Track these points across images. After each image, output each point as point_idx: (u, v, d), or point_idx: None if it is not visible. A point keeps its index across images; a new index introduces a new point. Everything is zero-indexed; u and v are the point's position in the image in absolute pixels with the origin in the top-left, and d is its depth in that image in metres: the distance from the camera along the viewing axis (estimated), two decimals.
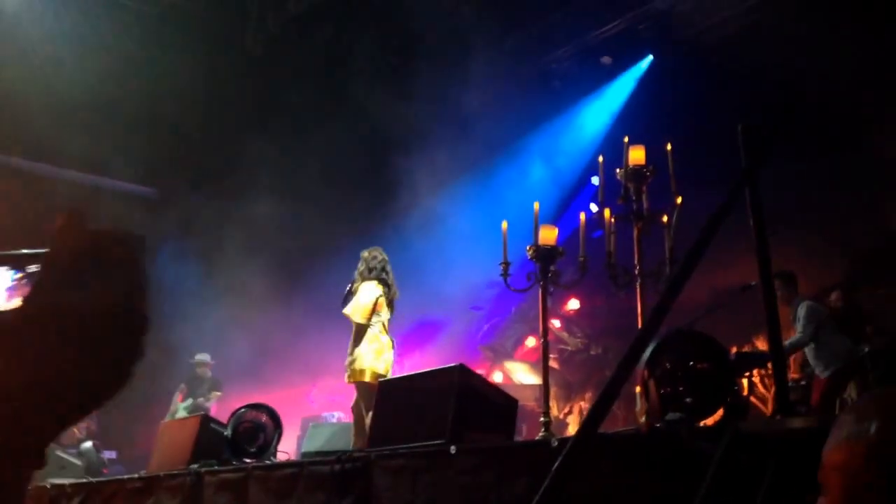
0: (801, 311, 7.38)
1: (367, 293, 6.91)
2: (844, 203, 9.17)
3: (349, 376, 6.87)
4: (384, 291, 6.93)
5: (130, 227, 0.71)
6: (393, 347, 6.95)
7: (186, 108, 10.83)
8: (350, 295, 6.99)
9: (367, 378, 6.72)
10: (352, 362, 6.83)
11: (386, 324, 6.96)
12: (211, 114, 11.29)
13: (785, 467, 2.68)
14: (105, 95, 10.26)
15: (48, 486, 6.35)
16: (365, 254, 7.07)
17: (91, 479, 6.49)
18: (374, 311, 6.85)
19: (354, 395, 6.87)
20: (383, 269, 7.03)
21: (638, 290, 4.24)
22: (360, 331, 6.84)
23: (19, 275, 0.73)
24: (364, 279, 6.97)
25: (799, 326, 7.35)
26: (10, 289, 0.73)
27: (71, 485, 6.21)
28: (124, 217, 11.34)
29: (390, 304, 7.02)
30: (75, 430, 10.30)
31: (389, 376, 6.73)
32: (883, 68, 8.66)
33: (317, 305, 9.11)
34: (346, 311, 6.94)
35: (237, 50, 11.37)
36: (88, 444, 8.54)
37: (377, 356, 6.83)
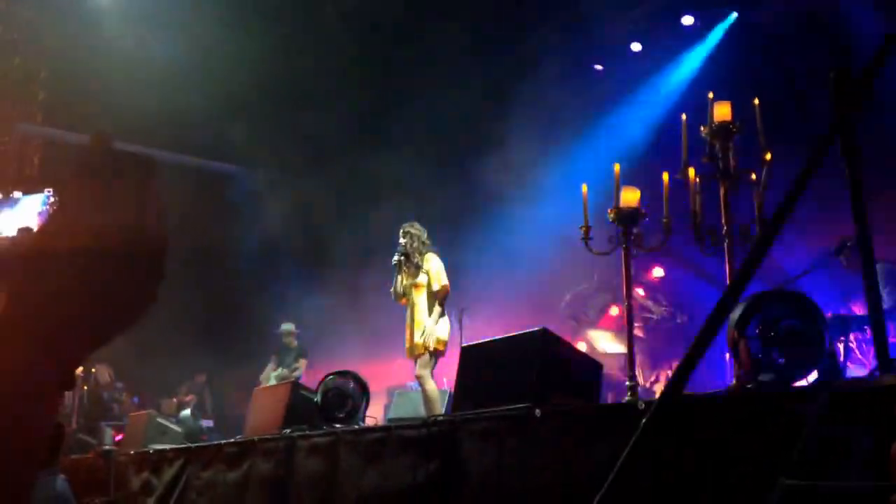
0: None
1: (437, 261, 7.04)
2: None
3: (420, 347, 6.88)
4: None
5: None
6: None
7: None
8: (413, 268, 7.06)
9: (438, 346, 6.85)
10: (428, 333, 6.86)
11: None
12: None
13: (883, 427, 2.58)
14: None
15: (150, 451, 6.67)
16: (411, 229, 7.17)
17: (191, 445, 6.78)
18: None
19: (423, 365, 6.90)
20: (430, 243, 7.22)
21: (726, 252, 4.12)
22: (437, 299, 6.93)
23: (50, 200, 0.76)
24: (426, 250, 7.09)
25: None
26: (41, 213, 0.76)
27: (172, 449, 6.52)
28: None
29: None
30: (175, 399, 10.79)
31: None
32: None
33: None
34: (421, 279, 6.99)
35: None
36: (187, 412, 8.91)
37: (446, 326, 7.01)
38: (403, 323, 7.22)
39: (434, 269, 7.01)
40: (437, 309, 6.93)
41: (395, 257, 7.12)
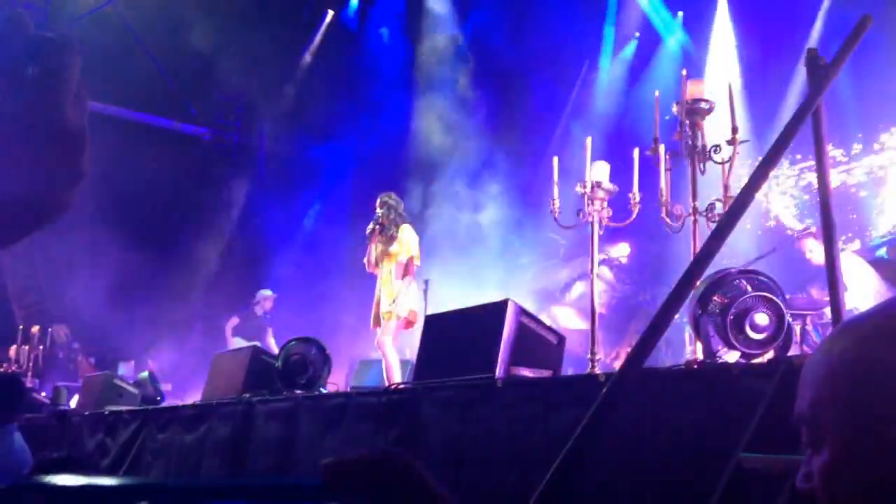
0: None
1: (411, 233, 7.12)
2: None
3: (388, 314, 6.92)
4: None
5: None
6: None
7: None
8: (387, 238, 7.07)
9: (409, 317, 6.92)
10: (398, 300, 6.89)
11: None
12: None
13: None
14: None
15: (106, 413, 6.59)
16: (389, 200, 7.21)
17: (147, 407, 6.71)
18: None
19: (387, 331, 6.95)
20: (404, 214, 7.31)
21: (693, 230, 4.15)
22: (406, 270, 6.97)
23: None
24: (402, 221, 7.11)
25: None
26: None
27: (128, 411, 6.44)
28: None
29: None
30: (132, 361, 10.67)
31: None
32: None
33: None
34: (394, 249, 7.00)
35: None
36: (145, 374, 8.81)
37: (416, 296, 7.17)
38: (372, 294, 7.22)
39: (406, 240, 7.05)
40: (407, 279, 6.96)
41: (370, 226, 7.13)
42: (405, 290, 6.93)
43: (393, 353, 6.85)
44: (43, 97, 0.62)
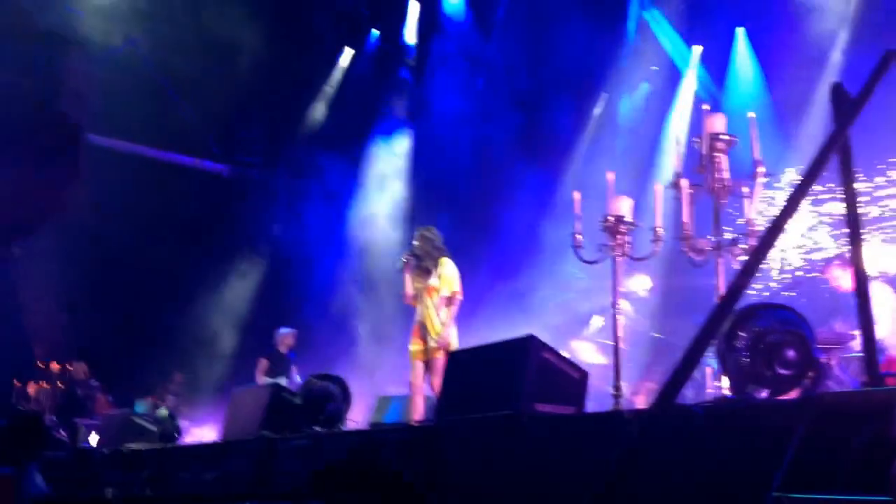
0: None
1: (452, 267, 7.05)
2: None
3: (437, 350, 6.82)
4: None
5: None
6: None
7: None
8: (422, 271, 7.01)
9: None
10: (444, 338, 6.81)
11: None
12: None
13: (874, 439, 2.57)
14: None
15: (125, 451, 6.56)
16: (427, 233, 7.16)
17: (166, 445, 6.68)
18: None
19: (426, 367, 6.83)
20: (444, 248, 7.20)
21: (718, 263, 4.12)
22: (447, 305, 6.91)
23: None
24: (440, 255, 7.04)
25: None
26: None
27: (147, 449, 6.42)
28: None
29: None
30: (151, 398, 10.65)
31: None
32: None
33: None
34: (434, 282, 6.94)
35: None
36: (164, 411, 8.79)
37: (455, 332, 6.97)
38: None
39: (447, 274, 6.99)
40: (447, 314, 6.90)
41: (402, 258, 7.11)
42: (450, 325, 6.88)
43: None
44: (42, 90, 0.61)
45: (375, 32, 12.86)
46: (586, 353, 10.66)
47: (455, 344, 6.83)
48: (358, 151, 12.37)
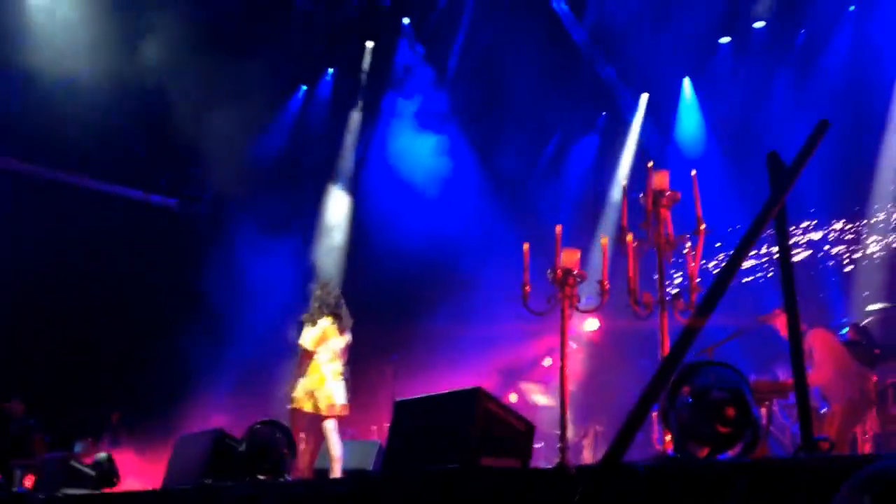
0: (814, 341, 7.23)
1: (319, 326, 7.23)
2: None
3: (314, 407, 6.93)
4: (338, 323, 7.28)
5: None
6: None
7: None
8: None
9: (339, 412, 6.94)
10: (324, 395, 6.92)
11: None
12: None
13: None
14: None
15: (61, 496, 6.35)
16: (318, 291, 7.34)
17: (104, 492, 6.48)
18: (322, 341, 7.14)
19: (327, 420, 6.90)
20: (336, 304, 7.39)
21: (662, 317, 4.19)
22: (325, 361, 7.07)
23: None
24: (327, 311, 7.28)
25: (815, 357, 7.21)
26: None
27: (84, 496, 6.22)
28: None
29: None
30: (90, 440, 10.34)
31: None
32: None
33: None
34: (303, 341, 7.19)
35: None
36: (104, 455, 8.52)
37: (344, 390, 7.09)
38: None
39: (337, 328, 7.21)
40: (336, 370, 7.08)
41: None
42: (332, 386, 6.98)
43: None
44: None
45: (330, 70, 12.91)
46: (534, 394, 10.71)
47: (340, 406, 6.94)
48: (308, 192, 12.35)
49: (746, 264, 9.16)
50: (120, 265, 11.37)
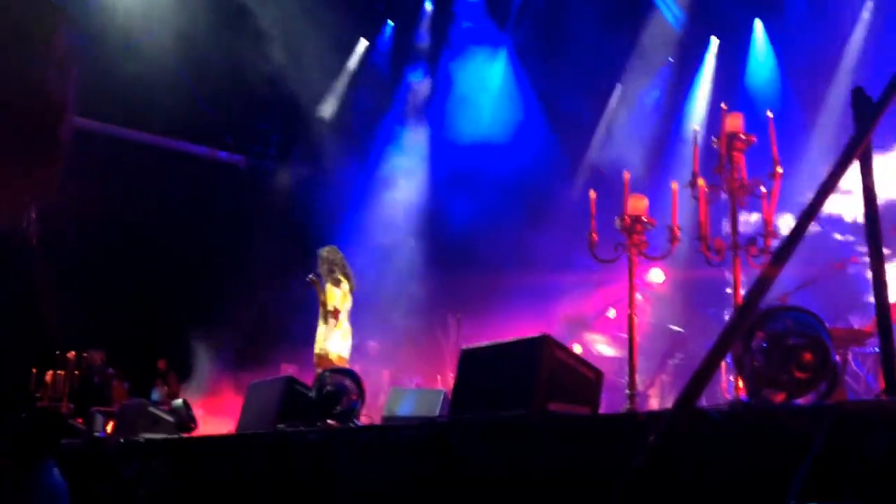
0: None
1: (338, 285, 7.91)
2: None
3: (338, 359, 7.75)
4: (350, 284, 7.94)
5: None
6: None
7: None
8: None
9: (334, 360, 7.68)
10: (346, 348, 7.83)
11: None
12: None
13: (891, 450, 2.55)
14: None
15: (142, 441, 6.61)
16: (325, 254, 7.77)
17: (182, 436, 6.72)
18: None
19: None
20: (344, 265, 8.00)
21: (735, 262, 4.08)
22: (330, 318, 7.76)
23: None
24: (331, 276, 7.87)
25: None
26: None
27: (163, 439, 6.46)
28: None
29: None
30: (166, 387, 10.73)
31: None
32: None
33: None
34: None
35: None
36: (180, 402, 8.82)
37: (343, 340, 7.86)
38: None
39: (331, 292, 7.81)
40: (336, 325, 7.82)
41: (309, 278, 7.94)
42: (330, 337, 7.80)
43: None
44: (23, 57, 0.59)
45: (391, 24, 12.82)
46: (600, 345, 10.66)
47: (337, 354, 7.70)
48: (373, 144, 12.37)
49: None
50: (192, 221, 11.62)
